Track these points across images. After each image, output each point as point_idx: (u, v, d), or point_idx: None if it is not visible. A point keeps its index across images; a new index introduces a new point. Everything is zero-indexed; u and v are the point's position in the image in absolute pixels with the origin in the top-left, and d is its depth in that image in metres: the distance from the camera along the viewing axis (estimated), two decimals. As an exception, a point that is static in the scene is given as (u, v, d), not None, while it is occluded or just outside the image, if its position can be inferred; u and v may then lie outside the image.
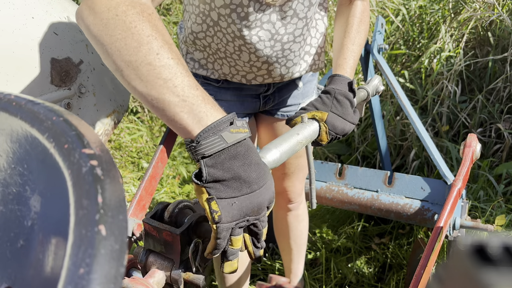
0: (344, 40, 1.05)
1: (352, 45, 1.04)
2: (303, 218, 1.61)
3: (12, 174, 0.37)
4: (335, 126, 0.90)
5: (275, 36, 1.01)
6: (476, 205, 1.92)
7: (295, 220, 1.57)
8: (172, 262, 0.64)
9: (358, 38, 1.05)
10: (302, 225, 1.61)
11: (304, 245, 1.67)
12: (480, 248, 0.22)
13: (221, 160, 0.60)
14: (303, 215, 1.60)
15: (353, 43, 1.04)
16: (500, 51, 2.29)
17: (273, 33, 1.00)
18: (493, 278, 0.20)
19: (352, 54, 1.03)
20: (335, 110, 0.91)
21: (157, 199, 2.48)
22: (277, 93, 1.23)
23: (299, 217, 1.58)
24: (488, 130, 2.25)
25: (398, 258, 1.94)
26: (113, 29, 0.61)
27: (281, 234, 1.63)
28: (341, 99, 0.93)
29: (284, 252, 1.69)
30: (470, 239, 0.22)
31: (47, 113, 0.35)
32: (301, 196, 1.53)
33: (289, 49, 1.06)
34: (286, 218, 1.56)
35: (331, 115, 0.90)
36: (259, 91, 1.19)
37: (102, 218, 0.29)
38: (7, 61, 0.95)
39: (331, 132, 0.89)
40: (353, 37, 1.05)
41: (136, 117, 3.15)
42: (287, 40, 1.03)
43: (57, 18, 1.06)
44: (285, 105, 1.27)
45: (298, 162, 1.40)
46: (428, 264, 0.97)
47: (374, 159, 2.39)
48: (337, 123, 0.90)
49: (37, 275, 0.33)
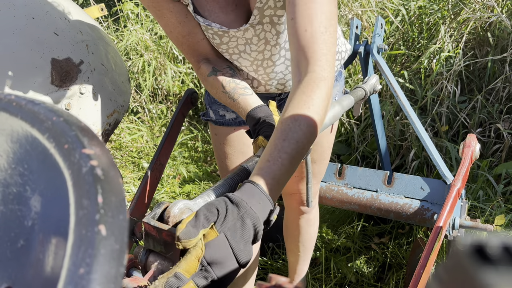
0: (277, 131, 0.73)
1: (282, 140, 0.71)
2: (314, 223, 1.59)
3: (13, 174, 0.37)
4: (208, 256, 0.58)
5: (255, 61, 1.07)
6: (475, 205, 1.92)
7: (306, 224, 1.56)
8: (172, 262, 0.64)
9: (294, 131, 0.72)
10: (313, 229, 1.60)
11: (312, 248, 1.67)
12: (480, 248, 0.22)
13: None
14: (314, 220, 1.59)
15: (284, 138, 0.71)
16: (500, 51, 2.29)
17: (252, 60, 1.06)
18: (492, 278, 0.20)
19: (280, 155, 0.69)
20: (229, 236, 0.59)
21: (157, 199, 2.48)
22: None
23: (310, 221, 1.57)
24: (487, 130, 2.25)
25: (397, 258, 1.95)
26: None
27: (290, 235, 1.62)
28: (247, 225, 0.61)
29: (290, 253, 1.68)
30: (470, 239, 0.22)
31: (47, 113, 0.35)
32: (314, 200, 1.52)
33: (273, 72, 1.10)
34: (298, 221, 1.55)
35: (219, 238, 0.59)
36: (273, 94, 1.21)
37: (102, 218, 0.29)
38: (7, 61, 0.96)
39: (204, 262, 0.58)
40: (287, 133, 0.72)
41: (137, 117, 3.16)
42: (267, 65, 1.08)
43: (57, 19, 1.06)
44: None
45: (314, 167, 1.39)
46: (428, 264, 0.97)
47: (373, 159, 2.39)
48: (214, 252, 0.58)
49: (37, 275, 0.33)
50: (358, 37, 1.81)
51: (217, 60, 1.08)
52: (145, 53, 3.16)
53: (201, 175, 2.69)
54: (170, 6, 0.96)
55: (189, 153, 2.94)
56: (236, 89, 1.01)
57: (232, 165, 1.30)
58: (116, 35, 3.42)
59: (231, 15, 0.98)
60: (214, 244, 0.58)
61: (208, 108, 1.28)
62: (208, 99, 1.27)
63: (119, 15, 3.38)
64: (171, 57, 3.24)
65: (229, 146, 1.27)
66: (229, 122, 1.24)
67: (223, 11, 0.98)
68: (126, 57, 3.30)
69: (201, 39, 1.03)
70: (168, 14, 0.97)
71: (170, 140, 1.39)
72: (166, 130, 1.38)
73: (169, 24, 0.99)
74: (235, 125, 1.24)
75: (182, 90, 3.19)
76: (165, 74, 3.16)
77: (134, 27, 3.25)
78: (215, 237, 0.58)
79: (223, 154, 1.29)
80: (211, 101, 1.25)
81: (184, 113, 1.46)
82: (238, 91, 1.01)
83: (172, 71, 3.17)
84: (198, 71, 1.08)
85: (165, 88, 3.18)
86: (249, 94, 1.00)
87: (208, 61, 1.07)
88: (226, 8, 0.98)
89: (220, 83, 1.03)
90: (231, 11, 0.98)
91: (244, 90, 1.01)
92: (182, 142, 3.00)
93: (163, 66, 3.17)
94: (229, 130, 1.25)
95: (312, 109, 0.74)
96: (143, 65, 3.14)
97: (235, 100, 1.00)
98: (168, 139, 1.38)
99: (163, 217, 0.66)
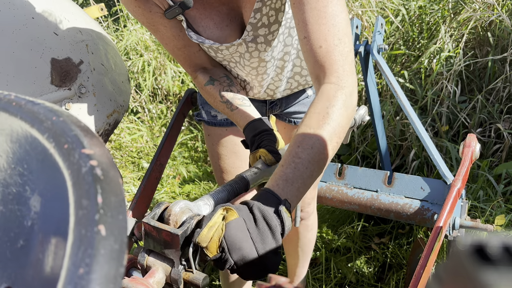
0: (292, 141, 0.77)
1: (297, 147, 0.75)
2: (313, 227, 1.58)
3: (12, 174, 0.37)
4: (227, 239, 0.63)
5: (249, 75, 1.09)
6: (475, 205, 1.92)
7: (305, 229, 1.55)
8: (172, 262, 0.64)
9: (312, 142, 0.75)
10: (311, 233, 1.59)
11: (311, 251, 1.67)
12: (480, 248, 0.22)
13: None
14: (313, 225, 1.58)
15: (299, 145, 0.75)
16: (500, 51, 2.29)
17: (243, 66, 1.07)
18: (492, 278, 0.20)
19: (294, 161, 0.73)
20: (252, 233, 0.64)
21: (157, 199, 2.48)
22: (284, 100, 1.25)
23: (308, 227, 1.56)
24: (487, 130, 2.25)
25: (398, 258, 1.95)
26: None
27: (288, 240, 1.62)
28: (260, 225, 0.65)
29: (290, 257, 1.68)
30: (470, 239, 0.22)
31: (47, 113, 0.35)
32: (311, 205, 1.50)
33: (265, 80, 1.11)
34: (296, 227, 1.53)
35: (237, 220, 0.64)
36: (264, 99, 1.23)
37: (102, 218, 0.29)
38: (7, 61, 0.95)
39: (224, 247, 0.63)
40: (302, 140, 0.75)
41: (137, 117, 3.16)
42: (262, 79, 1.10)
43: (57, 18, 1.06)
44: (295, 111, 1.28)
45: None
46: (428, 264, 0.97)
47: (374, 159, 2.39)
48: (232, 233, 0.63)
49: (37, 275, 0.33)
50: (358, 37, 1.81)
51: (213, 69, 1.09)
52: (145, 53, 3.16)
53: (201, 175, 2.69)
54: (164, 22, 0.96)
55: (189, 153, 2.94)
56: (234, 99, 1.03)
57: (225, 166, 1.30)
58: (116, 35, 3.42)
59: (225, 30, 0.98)
60: (233, 224, 0.63)
61: (200, 108, 1.29)
62: (200, 100, 1.28)
63: (119, 15, 3.38)
64: (171, 57, 3.24)
65: (222, 146, 1.28)
66: (221, 123, 1.25)
67: (217, 27, 0.98)
68: (126, 57, 3.30)
69: (197, 51, 1.04)
70: (162, 29, 0.98)
71: (170, 140, 1.39)
72: (166, 130, 1.38)
73: (164, 37, 1.00)
74: (227, 125, 1.25)
75: (182, 90, 3.19)
76: (165, 74, 3.16)
77: (134, 27, 3.25)
78: (235, 218, 0.64)
79: (216, 154, 1.30)
80: (203, 101, 1.27)
81: (184, 113, 1.46)
82: (236, 101, 1.03)
83: (172, 71, 3.17)
84: (195, 80, 1.10)
85: (165, 88, 3.19)
86: (247, 105, 1.02)
87: (205, 70, 1.08)
88: (221, 24, 0.98)
89: (217, 92, 1.05)
90: (225, 26, 0.98)
91: (242, 101, 1.03)
92: (182, 142, 3.00)
93: (163, 66, 3.17)
94: (221, 130, 1.26)
95: (328, 117, 0.76)
96: (143, 65, 3.14)
97: (233, 110, 1.02)
98: (168, 139, 1.38)
99: (163, 217, 0.66)
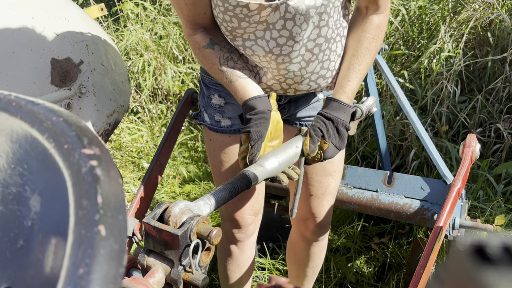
0: (352, 59, 1.02)
1: (359, 65, 1.01)
2: (325, 247, 1.42)
3: (12, 174, 0.37)
4: (327, 156, 0.97)
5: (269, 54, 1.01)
6: (475, 205, 1.92)
7: (319, 250, 1.38)
8: (172, 262, 0.64)
9: (367, 57, 1.01)
10: (324, 253, 1.42)
11: (318, 271, 1.49)
12: (480, 248, 0.22)
13: None
14: (326, 244, 1.41)
15: (360, 63, 1.01)
16: (500, 51, 2.29)
17: None
18: (492, 278, 0.20)
19: (357, 76, 1.01)
20: (334, 142, 0.97)
21: (157, 199, 2.48)
22: (293, 103, 1.17)
23: (322, 247, 1.38)
24: (487, 130, 2.25)
25: (397, 258, 1.95)
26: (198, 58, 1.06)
27: (297, 262, 1.44)
28: (342, 132, 0.97)
29: (296, 278, 1.48)
30: (470, 239, 0.22)
31: (47, 113, 0.35)
32: (328, 226, 1.34)
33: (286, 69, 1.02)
34: (310, 249, 1.36)
35: (330, 146, 0.96)
36: None
37: (101, 219, 0.29)
38: (7, 61, 0.95)
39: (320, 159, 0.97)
40: (362, 56, 1.01)
41: (137, 117, 3.15)
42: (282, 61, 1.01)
43: (57, 19, 1.06)
44: (304, 115, 1.20)
45: (329, 182, 1.25)
46: (428, 264, 0.97)
47: (373, 159, 2.39)
48: (330, 153, 0.97)
49: (37, 275, 0.33)
50: (358, 37, 1.81)
51: (215, 30, 1.01)
52: (145, 53, 3.16)
53: (201, 175, 2.69)
54: None
55: (189, 153, 2.94)
56: (234, 69, 0.99)
57: (226, 172, 1.23)
58: (116, 35, 3.42)
59: None
60: (328, 151, 0.96)
61: (203, 111, 1.21)
62: (203, 102, 1.20)
63: (119, 15, 3.38)
64: (171, 57, 3.24)
65: (224, 153, 1.21)
66: (224, 130, 1.18)
67: None
68: (126, 57, 3.30)
69: (204, 13, 0.97)
70: None
71: (170, 140, 1.39)
72: (166, 130, 1.38)
73: None
74: (230, 132, 1.18)
75: (182, 90, 3.19)
76: (165, 74, 3.16)
77: (134, 27, 3.25)
78: (327, 146, 0.95)
79: (218, 160, 1.23)
80: (206, 104, 1.19)
81: (184, 113, 1.46)
82: (236, 72, 0.98)
83: (172, 71, 3.17)
84: (191, 38, 1.02)
85: (165, 88, 3.19)
86: (247, 77, 0.98)
87: (205, 30, 1.01)
88: None
89: (217, 59, 0.99)
90: None
91: (242, 72, 0.99)
92: (182, 142, 3.00)
93: (163, 66, 3.17)
94: (224, 137, 1.19)
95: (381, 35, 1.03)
96: (143, 65, 3.14)
97: (232, 82, 0.98)
98: (168, 139, 1.38)
99: (163, 217, 0.66)
